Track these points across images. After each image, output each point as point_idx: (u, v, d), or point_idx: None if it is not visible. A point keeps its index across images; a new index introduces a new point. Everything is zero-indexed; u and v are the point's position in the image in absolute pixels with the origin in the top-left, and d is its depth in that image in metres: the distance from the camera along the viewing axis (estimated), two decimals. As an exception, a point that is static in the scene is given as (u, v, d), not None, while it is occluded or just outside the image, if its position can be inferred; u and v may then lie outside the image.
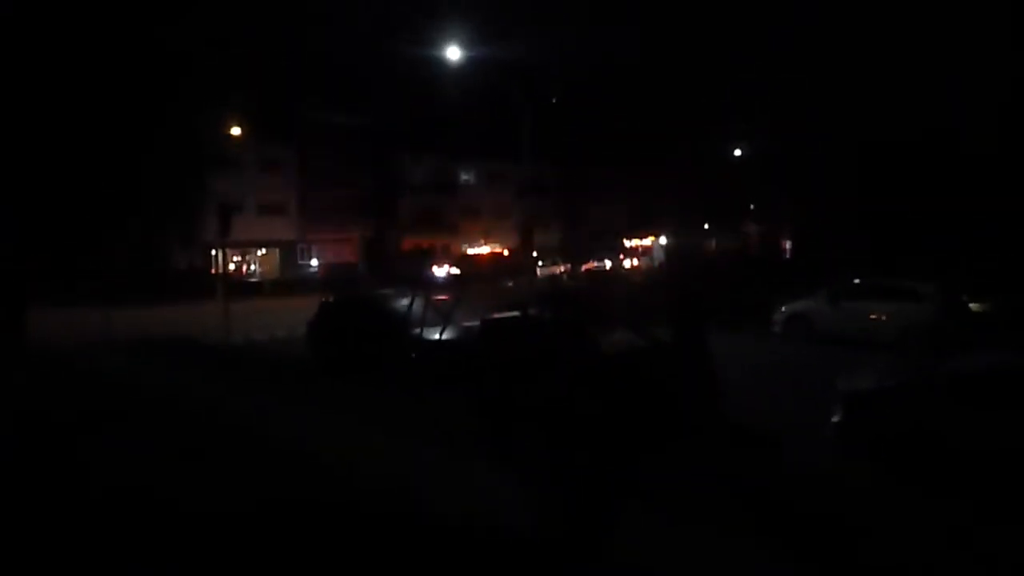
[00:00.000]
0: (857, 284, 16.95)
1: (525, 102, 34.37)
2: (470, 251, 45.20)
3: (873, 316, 15.79)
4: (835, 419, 7.96)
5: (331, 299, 15.82)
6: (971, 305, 16.05)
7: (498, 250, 44.83)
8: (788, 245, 38.13)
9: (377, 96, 42.13)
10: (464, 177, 52.74)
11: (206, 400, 11.85)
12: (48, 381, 13.70)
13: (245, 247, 42.62)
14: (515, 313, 13.10)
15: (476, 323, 12.84)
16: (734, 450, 8.38)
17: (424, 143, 46.73)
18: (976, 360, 7.93)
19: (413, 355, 12.53)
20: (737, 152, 40.94)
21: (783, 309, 17.35)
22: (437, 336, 12.63)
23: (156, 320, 22.72)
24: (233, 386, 12.96)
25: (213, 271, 38.28)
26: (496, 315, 13.16)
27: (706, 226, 45.97)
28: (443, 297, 17.28)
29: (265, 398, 11.82)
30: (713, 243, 44.77)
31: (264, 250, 44.77)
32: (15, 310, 17.96)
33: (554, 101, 39.05)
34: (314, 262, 45.28)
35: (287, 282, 38.58)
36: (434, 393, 10.84)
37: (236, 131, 36.21)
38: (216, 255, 39.38)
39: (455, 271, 39.64)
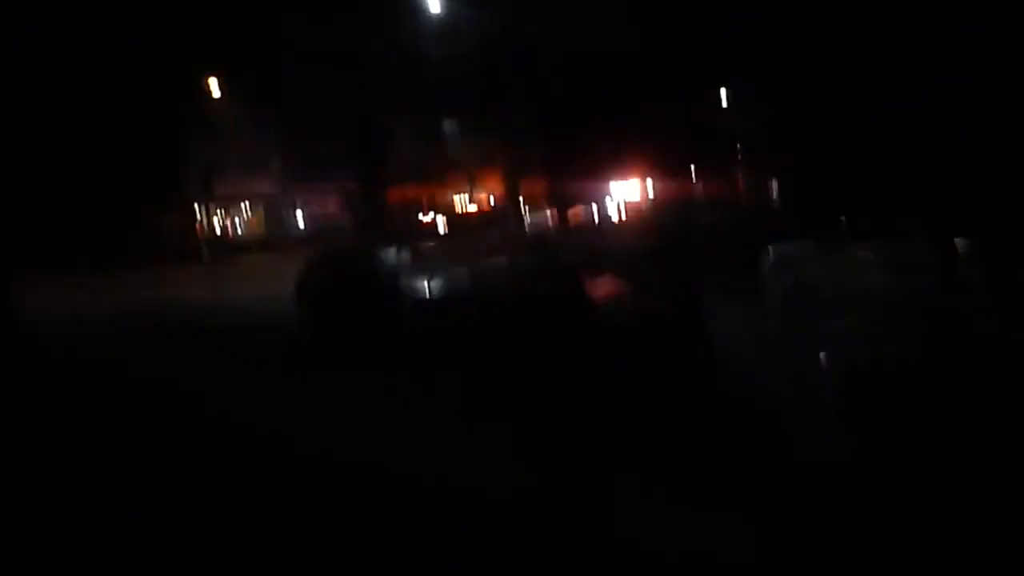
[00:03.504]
0: (844, 224, 16.84)
1: (509, 49, 33.84)
2: (456, 201, 44.97)
3: (861, 255, 15.75)
4: (835, 391, 7.75)
5: (319, 255, 15.60)
6: (958, 243, 15.95)
7: (485, 199, 44.56)
8: (775, 186, 37.98)
9: (359, 47, 41.37)
10: (449, 126, 52.13)
11: (191, 385, 11.65)
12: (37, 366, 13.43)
13: (228, 204, 42.21)
14: (503, 260, 13.01)
15: (465, 271, 12.75)
16: (734, 422, 8.15)
17: (408, 93, 46.03)
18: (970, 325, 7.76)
19: (399, 309, 12.46)
20: (723, 93, 40.54)
21: (770, 252, 17.26)
22: (426, 287, 12.58)
23: (144, 288, 22.33)
24: (217, 366, 12.85)
25: (198, 230, 38.04)
26: (484, 264, 13.09)
27: (691, 169, 45.69)
28: (431, 245, 17.11)
29: (254, 379, 11.62)
30: (699, 186, 44.57)
31: (248, 207, 44.32)
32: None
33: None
34: (299, 217, 44.96)
35: (273, 238, 38.31)
36: (428, 360, 10.58)
37: (215, 86, 35.67)
38: (200, 214, 39.12)
39: (442, 224, 39.49)
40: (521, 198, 46.21)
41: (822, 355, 8.48)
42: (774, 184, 37.26)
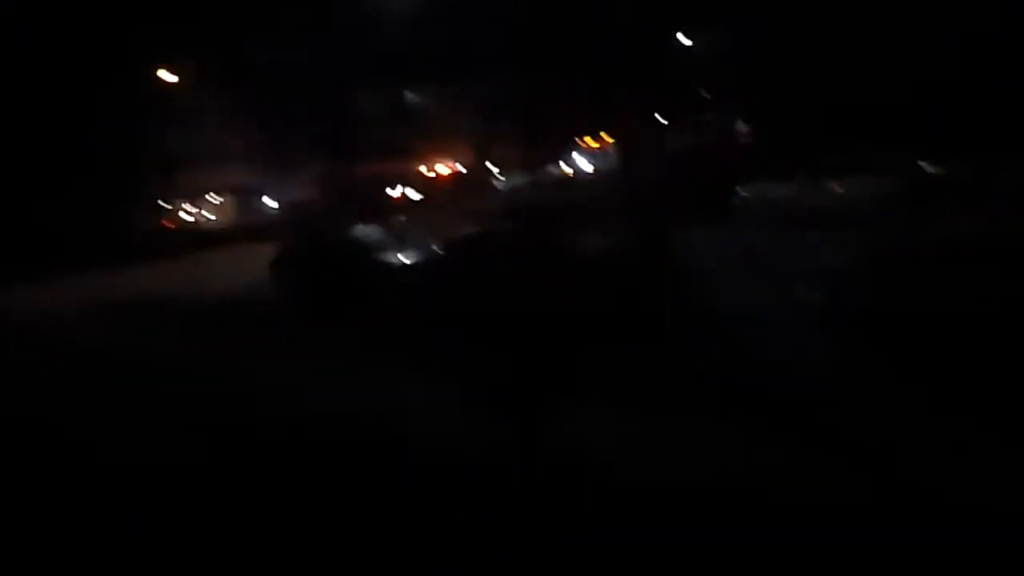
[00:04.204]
0: (820, 162, 16.89)
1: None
2: (427, 172, 44.68)
3: (838, 192, 15.77)
4: (816, 298, 7.81)
5: (293, 238, 15.64)
6: (930, 170, 16.05)
7: (455, 168, 44.29)
8: (749, 131, 37.84)
9: (322, 26, 40.67)
10: (418, 100, 51.51)
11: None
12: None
13: (199, 195, 41.75)
14: (476, 229, 13.00)
15: (439, 243, 12.70)
16: (699, 336, 8.22)
17: (372, 66, 45.39)
18: (940, 229, 7.83)
19: (377, 283, 12.40)
20: (688, 41, 40.20)
21: (747, 195, 17.31)
22: (400, 260, 12.53)
23: (118, 282, 22.07)
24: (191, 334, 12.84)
25: (169, 224, 37.68)
26: (459, 233, 13.03)
27: (662, 120, 45.48)
28: (403, 220, 17.07)
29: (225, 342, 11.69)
30: (673, 135, 44.33)
31: (221, 197, 43.78)
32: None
33: None
34: (273, 204, 44.49)
35: (246, 226, 37.81)
36: (397, 318, 10.71)
37: (175, 79, 35.22)
38: (170, 207, 38.75)
39: (415, 194, 39.28)
40: (492, 163, 45.96)
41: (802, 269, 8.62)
42: (749, 127, 37.10)
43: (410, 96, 51.27)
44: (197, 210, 42.71)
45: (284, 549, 5.25)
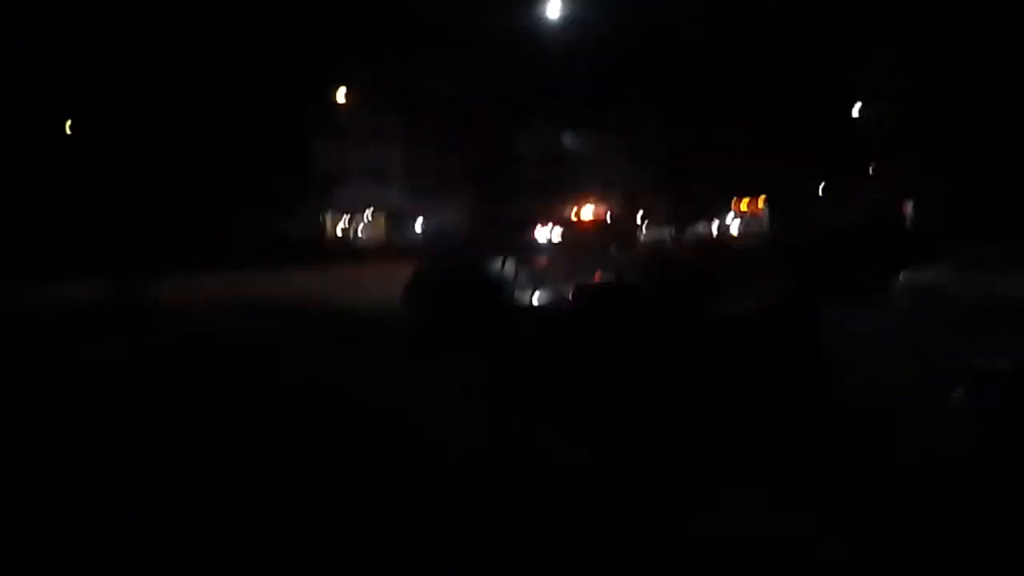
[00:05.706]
0: (985, 251, 15.75)
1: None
2: (573, 216, 44.88)
3: (1004, 284, 14.57)
4: (982, 400, 7.09)
5: (428, 259, 15.97)
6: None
7: (602, 216, 44.33)
8: (910, 210, 35.88)
9: (483, 64, 41.85)
10: (570, 144, 51.99)
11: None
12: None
13: (352, 212, 43.51)
14: (612, 281, 12.79)
15: (571, 288, 12.55)
16: (832, 428, 7.56)
17: (530, 110, 46.30)
18: None
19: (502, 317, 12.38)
20: (855, 111, 38.78)
21: (903, 278, 16.31)
22: (528, 300, 12.50)
23: (266, 285, 23.33)
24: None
25: (322, 237, 39.60)
26: (593, 282, 12.85)
27: (819, 190, 43.94)
28: (541, 261, 17.08)
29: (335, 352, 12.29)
30: (826, 208, 42.70)
31: (371, 216, 45.47)
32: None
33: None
34: (419, 226, 45.83)
35: (394, 247, 39.01)
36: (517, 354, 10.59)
37: (342, 99, 37.02)
38: (323, 221, 40.71)
39: (556, 237, 39.38)
40: (639, 215, 45.69)
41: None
42: (910, 205, 35.23)
43: (567, 140, 51.79)
44: (350, 226, 44.44)
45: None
